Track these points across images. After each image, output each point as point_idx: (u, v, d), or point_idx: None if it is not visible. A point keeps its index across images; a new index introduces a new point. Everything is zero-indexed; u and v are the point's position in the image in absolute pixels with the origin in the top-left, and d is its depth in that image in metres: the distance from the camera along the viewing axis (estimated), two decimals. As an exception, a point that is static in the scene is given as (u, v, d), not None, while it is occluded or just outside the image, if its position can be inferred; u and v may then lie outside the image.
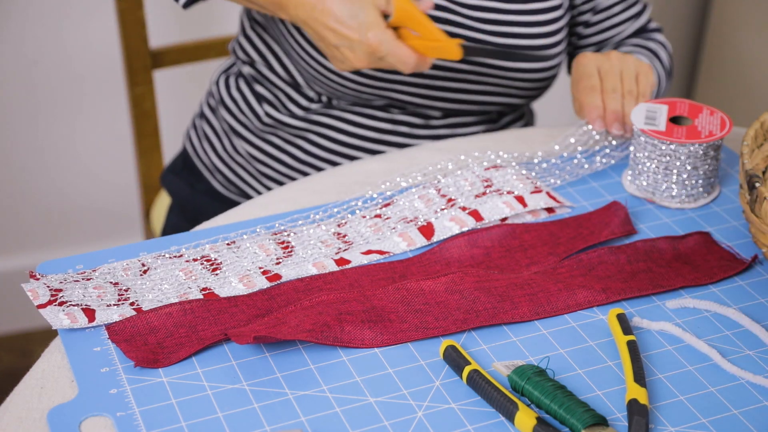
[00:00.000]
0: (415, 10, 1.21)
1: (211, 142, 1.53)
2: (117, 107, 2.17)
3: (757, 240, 1.09)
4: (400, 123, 1.43)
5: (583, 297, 1.06)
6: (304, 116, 1.44)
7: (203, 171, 1.55)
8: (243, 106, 1.48)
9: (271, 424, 0.93)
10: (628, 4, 1.45)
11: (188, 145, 1.58)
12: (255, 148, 1.48)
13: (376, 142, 1.43)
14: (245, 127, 1.48)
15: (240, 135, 1.49)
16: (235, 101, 1.49)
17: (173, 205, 1.60)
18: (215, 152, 1.53)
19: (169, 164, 1.62)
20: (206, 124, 1.54)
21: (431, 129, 1.43)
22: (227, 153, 1.51)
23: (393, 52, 1.20)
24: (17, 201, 2.24)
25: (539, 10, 1.37)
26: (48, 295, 1.04)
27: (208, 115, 1.54)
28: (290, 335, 0.98)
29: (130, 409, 0.94)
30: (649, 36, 1.46)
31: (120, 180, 2.25)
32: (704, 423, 0.94)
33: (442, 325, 1.02)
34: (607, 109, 1.25)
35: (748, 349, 1.02)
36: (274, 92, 1.46)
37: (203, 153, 1.55)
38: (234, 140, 1.50)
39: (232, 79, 1.51)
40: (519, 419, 0.92)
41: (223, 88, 1.51)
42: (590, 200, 1.21)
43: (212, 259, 1.09)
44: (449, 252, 1.12)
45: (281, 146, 1.46)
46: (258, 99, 1.47)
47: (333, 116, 1.43)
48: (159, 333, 1.00)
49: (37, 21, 2.07)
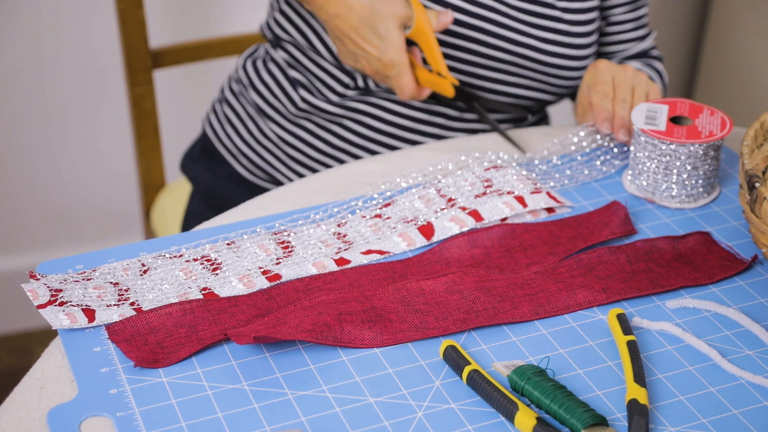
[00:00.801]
0: (430, 34, 1.27)
1: (234, 126, 1.51)
2: (117, 107, 2.17)
3: (757, 240, 1.09)
4: (436, 114, 1.42)
5: (583, 297, 1.06)
6: (340, 102, 1.42)
7: (226, 155, 1.53)
8: (276, 90, 1.46)
9: (271, 424, 0.93)
10: (637, 24, 1.47)
11: (208, 130, 1.56)
12: (287, 132, 1.46)
13: (412, 131, 1.42)
14: (277, 111, 1.46)
15: (271, 118, 1.47)
16: (266, 84, 1.47)
17: (195, 192, 1.58)
18: (239, 136, 1.51)
19: (187, 150, 1.61)
20: (228, 108, 1.52)
21: (466, 122, 1.43)
22: (253, 137, 1.49)
23: (399, 78, 1.27)
24: (17, 201, 2.24)
25: (580, 10, 1.39)
26: (48, 296, 1.04)
27: (231, 99, 1.52)
28: (290, 335, 0.98)
29: (130, 409, 0.94)
30: (649, 62, 1.48)
31: (120, 180, 2.25)
32: (704, 423, 0.94)
33: (442, 325, 1.03)
34: (616, 115, 1.26)
35: (748, 349, 1.02)
36: (309, 78, 1.44)
37: (225, 137, 1.53)
38: (261, 124, 1.48)
39: (260, 62, 1.49)
40: (519, 419, 0.92)
41: (252, 72, 1.49)
42: (590, 200, 1.21)
43: (212, 259, 1.09)
44: (449, 252, 1.12)
45: (315, 132, 1.45)
46: (293, 84, 1.45)
47: (370, 103, 1.42)
48: (159, 333, 1.00)
49: (37, 21, 2.07)
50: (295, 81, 1.45)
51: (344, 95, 1.42)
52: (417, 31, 1.26)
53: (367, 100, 1.42)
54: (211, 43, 1.73)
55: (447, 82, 1.28)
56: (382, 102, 1.41)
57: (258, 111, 1.48)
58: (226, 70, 2.06)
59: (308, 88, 1.44)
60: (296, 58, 1.45)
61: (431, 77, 1.28)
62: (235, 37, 1.74)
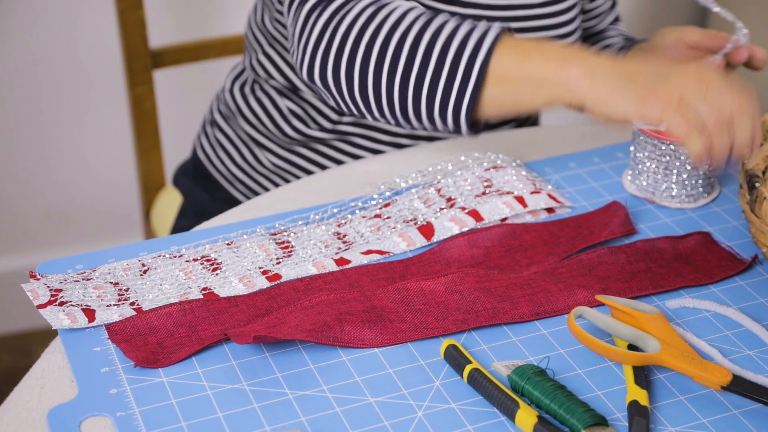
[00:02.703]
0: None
1: (227, 152, 1.48)
2: (117, 107, 2.17)
3: (757, 240, 1.09)
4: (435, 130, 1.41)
5: (583, 297, 1.06)
6: (333, 129, 1.39)
7: (221, 180, 1.50)
8: (265, 120, 1.42)
9: (271, 424, 0.93)
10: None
11: (200, 153, 1.53)
12: (282, 160, 1.43)
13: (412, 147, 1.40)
14: (270, 140, 1.43)
15: (264, 147, 1.44)
16: (255, 113, 1.43)
17: (186, 208, 1.56)
18: (233, 162, 1.48)
19: (180, 167, 1.59)
20: (219, 132, 1.49)
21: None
22: (248, 164, 1.46)
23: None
24: (17, 201, 2.24)
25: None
26: (48, 295, 1.04)
27: (221, 123, 1.49)
28: (290, 335, 0.98)
29: (130, 409, 0.93)
30: (620, 31, 1.49)
31: (120, 180, 2.25)
32: (704, 423, 0.94)
33: (442, 325, 1.02)
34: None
35: (748, 349, 1.02)
36: (303, 106, 1.40)
37: (219, 162, 1.49)
38: (256, 151, 1.45)
39: (248, 89, 1.45)
40: (520, 417, 0.92)
41: (239, 99, 1.45)
42: (590, 200, 1.21)
43: (212, 259, 1.09)
44: (449, 252, 1.12)
45: (310, 157, 1.41)
46: (282, 115, 1.41)
47: (364, 125, 1.38)
48: (159, 333, 1.00)
49: (37, 21, 2.07)
50: (286, 111, 1.41)
51: (338, 122, 1.39)
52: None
53: (361, 122, 1.38)
54: (211, 43, 1.73)
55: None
56: (377, 123, 1.38)
57: (250, 139, 1.45)
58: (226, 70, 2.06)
59: (301, 118, 1.40)
60: (288, 88, 1.41)
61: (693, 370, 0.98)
62: (235, 37, 1.74)
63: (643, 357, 0.97)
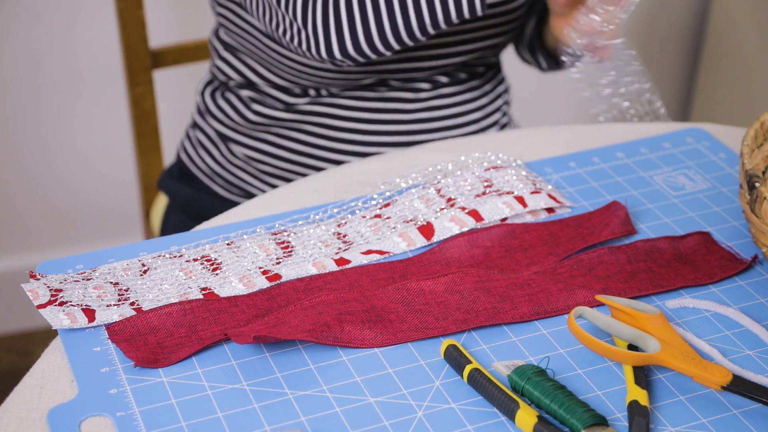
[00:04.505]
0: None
1: (207, 149, 1.55)
2: (117, 107, 2.17)
3: (757, 240, 1.09)
4: (391, 100, 1.44)
5: (583, 297, 1.06)
6: (289, 108, 1.46)
7: (202, 178, 1.57)
8: (230, 112, 1.50)
9: (271, 424, 0.93)
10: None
11: (183, 155, 1.59)
12: (251, 149, 1.49)
13: (371, 122, 1.44)
14: (236, 131, 1.50)
15: (233, 140, 1.51)
16: (222, 110, 1.51)
17: (172, 205, 1.61)
18: (212, 158, 1.54)
19: (165, 171, 1.63)
20: (200, 132, 1.56)
21: (422, 102, 1.45)
22: (224, 158, 1.53)
23: None
24: (17, 201, 2.24)
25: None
26: (48, 295, 1.04)
27: (201, 124, 1.56)
28: (290, 335, 0.98)
29: (130, 409, 0.94)
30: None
31: (120, 180, 2.25)
32: (704, 423, 0.94)
33: (442, 325, 1.03)
34: None
35: (748, 349, 1.02)
36: (260, 94, 1.48)
37: (200, 161, 1.56)
38: (229, 144, 1.52)
39: (214, 89, 1.53)
40: (520, 417, 0.92)
41: (209, 100, 1.53)
42: (590, 200, 1.21)
43: (212, 259, 1.09)
44: (449, 252, 1.12)
45: (277, 142, 1.48)
46: (243, 103, 1.48)
47: (323, 103, 1.45)
48: (159, 333, 1.00)
49: (37, 21, 2.07)
50: (248, 99, 1.48)
51: (295, 103, 1.45)
52: None
53: (320, 101, 1.44)
54: (211, 43, 1.73)
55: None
56: (336, 100, 1.44)
57: (219, 136, 1.52)
58: (226, 70, 2.06)
59: (260, 101, 1.47)
60: (245, 85, 1.49)
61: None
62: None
63: (643, 357, 0.97)
